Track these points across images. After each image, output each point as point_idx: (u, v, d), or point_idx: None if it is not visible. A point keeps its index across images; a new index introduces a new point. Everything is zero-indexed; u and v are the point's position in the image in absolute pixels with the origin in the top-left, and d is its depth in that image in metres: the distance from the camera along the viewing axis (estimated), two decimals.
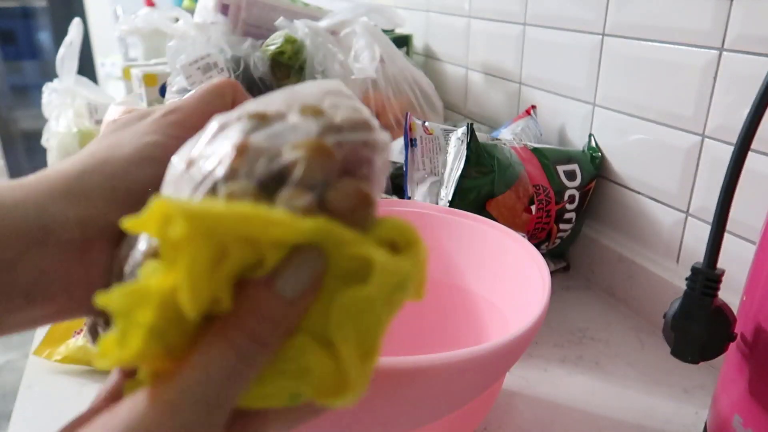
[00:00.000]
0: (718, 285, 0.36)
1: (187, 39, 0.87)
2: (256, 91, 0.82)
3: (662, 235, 0.63)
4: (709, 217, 0.57)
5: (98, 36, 2.75)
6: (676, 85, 0.58)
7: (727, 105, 0.54)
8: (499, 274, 0.51)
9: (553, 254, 0.73)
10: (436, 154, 0.65)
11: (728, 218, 0.35)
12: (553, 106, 0.77)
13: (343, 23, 0.89)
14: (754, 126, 0.33)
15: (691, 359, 0.37)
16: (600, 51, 0.67)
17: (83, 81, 0.94)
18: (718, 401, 0.42)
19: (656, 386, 0.54)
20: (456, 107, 1.03)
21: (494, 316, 0.50)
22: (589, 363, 0.57)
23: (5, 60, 3.11)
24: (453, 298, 0.54)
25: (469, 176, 0.61)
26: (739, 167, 0.34)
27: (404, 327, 0.56)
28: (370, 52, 0.84)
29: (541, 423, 0.50)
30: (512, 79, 0.85)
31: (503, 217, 0.62)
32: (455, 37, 0.98)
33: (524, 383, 0.54)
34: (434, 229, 0.55)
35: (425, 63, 1.10)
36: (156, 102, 1.01)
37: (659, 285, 0.62)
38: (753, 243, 0.53)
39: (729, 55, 0.53)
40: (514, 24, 0.82)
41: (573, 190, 0.67)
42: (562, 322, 0.64)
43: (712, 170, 0.56)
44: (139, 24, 1.00)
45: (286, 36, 0.85)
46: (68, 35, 0.91)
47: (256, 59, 0.83)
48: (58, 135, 0.88)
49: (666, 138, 0.60)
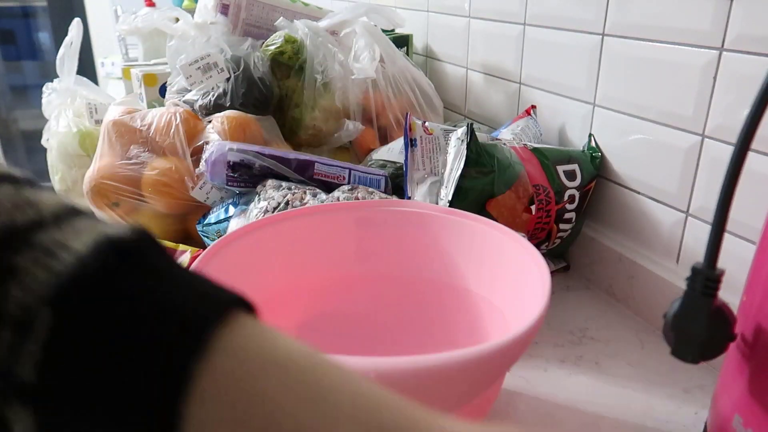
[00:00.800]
0: (718, 285, 0.36)
1: (187, 39, 0.87)
2: (256, 90, 0.82)
3: (662, 235, 0.63)
4: (709, 217, 0.57)
5: (98, 36, 2.75)
6: (676, 85, 0.58)
7: (727, 105, 0.54)
8: (499, 274, 0.51)
9: (553, 254, 0.73)
10: (436, 154, 0.65)
11: (728, 218, 0.35)
12: (553, 106, 0.77)
13: (343, 23, 0.89)
14: (754, 126, 0.33)
15: (691, 359, 0.37)
16: (600, 51, 0.67)
17: (83, 81, 0.94)
18: (718, 401, 0.42)
19: (656, 386, 0.54)
20: (456, 107, 1.03)
21: (494, 316, 0.50)
22: (589, 363, 0.57)
23: (5, 60, 3.11)
24: (453, 298, 0.54)
25: (469, 176, 0.61)
26: (739, 167, 0.34)
27: (404, 327, 0.56)
28: (370, 52, 0.84)
29: (541, 423, 0.49)
30: (512, 79, 0.85)
31: (503, 217, 0.62)
32: (455, 37, 0.98)
33: (524, 383, 0.54)
34: (434, 229, 0.55)
35: (425, 63, 1.10)
36: (156, 102, 1.01)
37: (659, 285, 0.62)
38: (753, 243, 0.53)
39: (729, 55, 0.53)
40: (513, 24, 0.82)
41: (573, 190, 0.67)
42: (562, 322, 0.64)
43: (712, 170, 0.56)
44: (139, 24, 1.00)
45: (286, 36, 0.85)
46: (68, 35, 0.91)
47: (256, 59, 0.83)
48: (58, 135, 0.88)
49: (666, 138, 0.60)
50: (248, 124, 0.76)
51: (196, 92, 0.83)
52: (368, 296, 0.57)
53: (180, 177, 0.73)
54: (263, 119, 0.80)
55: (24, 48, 3.16)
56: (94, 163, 0.76)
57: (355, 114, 0.89)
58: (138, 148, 0.75)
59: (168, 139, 0.74)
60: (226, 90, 0.82)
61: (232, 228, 0.66)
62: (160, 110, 0.77)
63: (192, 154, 0.74)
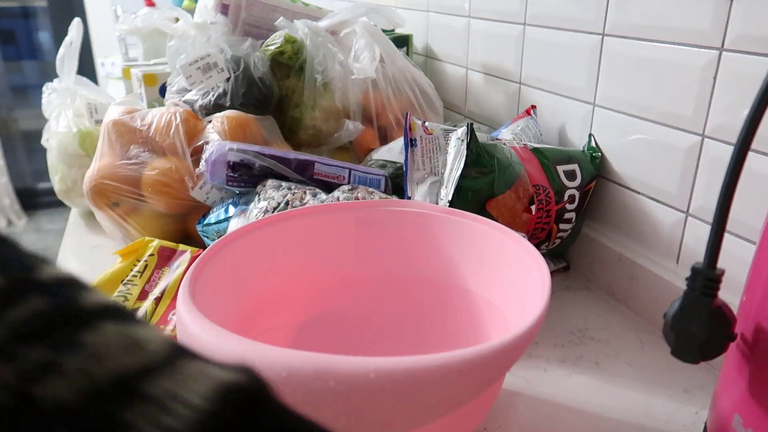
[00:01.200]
0: (718, 285, 0.36)
1: (187, 39, 0.87)
2: (256, 90, 0.82)
3: (662, 235, 0.63)
4: (709, 217, 0.57)
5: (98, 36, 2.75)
6: (676, 85, 0.58)
7: (727, 105, 0.54)
8: (499, 274, 0.51)
9: (553, 254, 0.73)
10: (436, 154, 0.65)
11: (728, 218, 0.35)
12: (553, 106, 0.77)
13: (343, 23, 0.89)
14: (754, 126, 0.33)
15: (691, 359, 0.37)
16: (600, 51, 0.67)
17: (83, 81, 0.94)
18: (718, 401, 0.42)
19: (656, 386, 0.54)
20: (456, 107, 1.03)
21: (494, 316, 0.50)
22: (589, 363, 0.57)
23: (5, 60, 3.11)
24: (453, 298, 0.54)
25: (469, 176, 0.61)
26: (739, 167, 0.34)
27: (404, 327, 0.56)
28: (370, 52, 0.84)
29: (541, 423, 0.50)
30: (512, 79, 0.85)
31: (503, 217, 0.62)
32: (455, 37, 0.98)
33: (524, 383, 0.54)
34: (434, 229, 0.55)
35: (425, 63, 1.10)
36: (156, 102, 1.01)
37: (659, 285, 0.62)
38: (753, 243, 0.53)
39: (729, 55, 0.53)
40: (513, 24, 0.82)
41: (573, 190, 0.67)
42: (562, 322, 0.64)
43: (712, 170, 0.56)
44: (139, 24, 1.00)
45: (286, 36, 0.85)
46: (68, 35, 0.91)
47: (256, 59, 0.83)
48: (58, 135, 0.88)
49: (666, 138, 0.60)
50: (248, 124, 0.77)
51: (196, 92, 0.83)
52: (368, 296, 0.57)
53: (180, 177, 0.73)
54: (263, 119, 0.80)
55: (24, 48, 3.16)
56: (94, 163, 0.76)
57: (355, 114, 0.89)
58: (138, 148, 0.75)
59: (168, 139, 0.74)
60: (226, 90, 0.82)
61: (232, 228, 0.66)
62: (160, 110, 0.77)
63: (192, 154, 0.74)
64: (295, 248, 0.54)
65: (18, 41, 3.14)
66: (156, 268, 0.61)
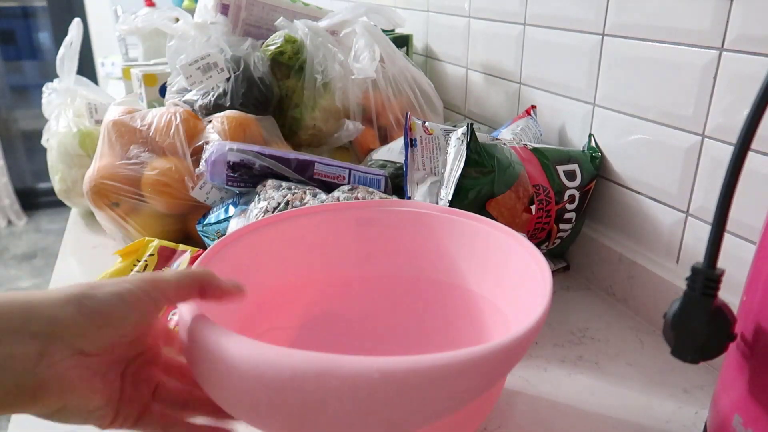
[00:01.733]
0: (718, 285, 0.36)
1: (187, 39, 0.87)
2: (256, 90, 0.82)
3: (662, 235, 0.63)
4: (709, 217, 0.57)
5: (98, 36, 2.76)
6: (676, 85, 0.58)
7: (727, 105, 0.54)
8: (500, 274, 0.51)
9: (553, 254, 0.73)
10: (436, 154, 0.65)
11: (728, 218, 0.35)
12: (553, 106, 0.77)
13: (343, 23, 0.89)
14: (754, 126, 0.33)
15: (691, 359, 0.37)
16: (600, 51, 0.67)
17: (83, 81, 0.94)
18: (718, 401, 0.42)
19: (656, 386, 0.54)
20: (456, 107, 1.03)
21: (495, 316, 0.50)
22: (589, 363, 0.57)
23: (5, 60, 3.11)
24: (454, 298, 0.54)
25: (469, 176, 0.61)
26: (739, 167, 0.34)
27: (404, 327, 0.56)
28: (370, 52, 0.84)
29: (541, 423, 0.50)
30: (512, 79, 0.85)
31: (503, 217, 0.62)
32: (455, 37, 0.98)
33: (524, 383, 0.54)
34: (434, 229, 0.55)
35: (425, 63, 1.10)
36: (156, 102, 1.01)
37: (659, 285, 0.62)
38: (753, 243, 0.53)
39: (729, 55, 0.53)
40: (513, 24, 0.82)
41: (573, 190, 0.68)
42: (562, 322, 0.64)
43: (712, 170, 0.56)
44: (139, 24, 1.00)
45: (286, 36, 0.85)
46: (68, 35, 0.91)
47: (256, 59, 0.83)
48: (58, 135, 0.88)
49: (666, 138, 0.61)
50: (248, 124, 0.77)
51: (196, 92, 0.83)
52: (368, 296, 0.57)
53: (180, 177, 0.73)
54: (263, 119, 0.80)
55: (24, 48, 3.16)
56: (94, 163, 0.76)
57: (355, 114, 0.89)
58: (138, 148, 0.75)
59: (168, 139, 0.74)
60: (226, 90, 0.82)
61: (232, 228, 0.66)
62: (160, 110, 0.77)
63: (192, 154, 0.74)
64: (295, 248, 0.54)
65: (18, 41, 3.14)
66: (156, 268, 0.61)
